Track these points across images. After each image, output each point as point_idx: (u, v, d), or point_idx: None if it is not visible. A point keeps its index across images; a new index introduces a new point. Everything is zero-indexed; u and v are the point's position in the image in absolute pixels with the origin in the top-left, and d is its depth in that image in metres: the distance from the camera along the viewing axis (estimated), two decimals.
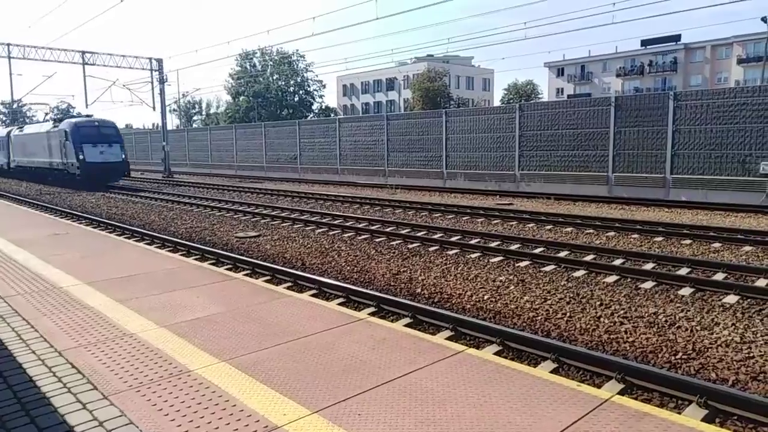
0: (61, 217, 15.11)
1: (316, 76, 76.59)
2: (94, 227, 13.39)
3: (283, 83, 74.74)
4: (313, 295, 6.91)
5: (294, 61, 74.19)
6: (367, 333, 4.50)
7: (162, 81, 36.16)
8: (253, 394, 3.39)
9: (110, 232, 12.52)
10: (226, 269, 8.18)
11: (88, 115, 28.76)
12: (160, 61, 36.11)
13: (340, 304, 6.58)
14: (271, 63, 75.57)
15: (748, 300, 6.66)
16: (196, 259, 9.02)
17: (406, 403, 3.25)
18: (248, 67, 76.29)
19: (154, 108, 36.76)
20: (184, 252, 10.28)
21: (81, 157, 25.54)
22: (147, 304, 5.38)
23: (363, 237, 11.65)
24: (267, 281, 7.76)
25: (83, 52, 32.80)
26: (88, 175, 25.56)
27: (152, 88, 36.17)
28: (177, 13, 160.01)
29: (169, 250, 10.15)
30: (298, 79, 75.43)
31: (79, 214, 16.40)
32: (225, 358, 3.99)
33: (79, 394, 3.42)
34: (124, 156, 27.37)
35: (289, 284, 7.76)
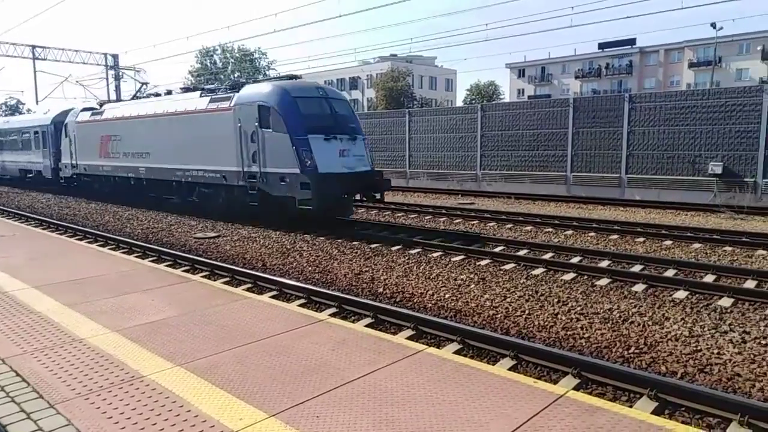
0: (9, 218, 14.47)
1: (279, 74, 75.81)
2: (44, 228, 12.88)
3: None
4: (273, 297, 6.82)
5: (256, 58, 73.18)
6: (328, 334, 4.47)
7: (118, 77, 35.09)
8: (208, 399, 3.31)
9: (61, 234, 12.05)
10: (184, 271, 7.99)
11: (294, 76, 14.05)
12: (115, 57, 35.05)
13: (300, 305, 6.51)
14: (233, 60, 74.31)
15: (697, 295, 6.93)
16: (152, 261, 8.78)
17: (365, 404, 3.23)
18: (208, 64, 74.79)
19: None
20: (139, 254, 9.98)
21: (308, 162, 11.57)
22: (98, 308, 5.20)
23: (325, 236, 11.57)
24: (226, 283, 7.61)
25: (33, 47, 31.51)
26: (323, 199, 11.58)
27: (107, 85, 35.06)
28: (133, 6, 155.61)
29: (124, 252, 9.86)
30: (260, 77, 74.45)
31: (28, 214, 15.73)
32: (180, 362, 3.88)
33: (23, 403, 3.28)
34: (371, 162, 13.51)
35: (249, 285, 7.63)
